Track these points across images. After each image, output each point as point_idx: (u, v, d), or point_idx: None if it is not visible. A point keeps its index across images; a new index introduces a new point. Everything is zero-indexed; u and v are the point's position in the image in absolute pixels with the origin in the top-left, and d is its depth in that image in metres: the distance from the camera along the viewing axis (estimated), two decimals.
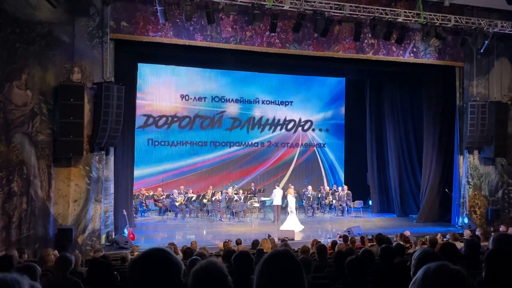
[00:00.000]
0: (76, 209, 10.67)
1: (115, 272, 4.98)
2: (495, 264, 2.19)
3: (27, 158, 10.33)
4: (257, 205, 16.12)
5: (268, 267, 1.96)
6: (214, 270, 1.92)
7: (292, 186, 15.68)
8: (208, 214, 15.72)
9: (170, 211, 15.53)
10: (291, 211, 13.63)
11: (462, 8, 13.63)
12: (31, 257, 9.05)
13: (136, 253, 8.29)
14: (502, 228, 11.10)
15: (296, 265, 1.97)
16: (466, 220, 14.16)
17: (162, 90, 17.26)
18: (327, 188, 18.07)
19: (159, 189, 16.08)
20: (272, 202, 15.60)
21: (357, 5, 12.34)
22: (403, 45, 13.40)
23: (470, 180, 14.38)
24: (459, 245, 6.52)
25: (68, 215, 10.59)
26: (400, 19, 12.51)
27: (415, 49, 13.88)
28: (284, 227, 13.17)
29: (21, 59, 10.34)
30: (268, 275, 1.94)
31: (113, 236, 11.41)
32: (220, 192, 15.66)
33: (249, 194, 16.38)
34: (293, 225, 13.32)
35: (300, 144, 19.32)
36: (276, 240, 10.06)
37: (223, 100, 18.10)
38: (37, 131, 10.42)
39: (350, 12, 12.20)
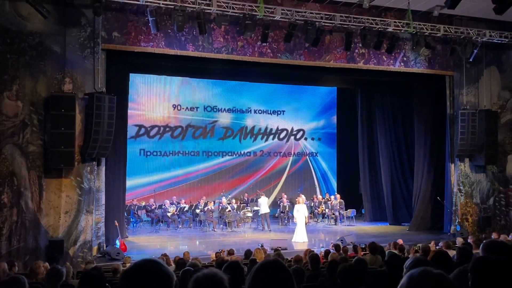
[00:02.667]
0: (67, 220, 10.57)
1: (107, 284, 4.93)
2: (481, 271, 2.20)
3: (17, 169, 10.25)
4: (250, 215, 16.07)
5: (259, 277, 1.95)
6: (215, 280, 1.92)
7: (302, 195, 15.49)
8: (200, 224, 15.64)
9: (162, 222, 15.43)
10: (298, 221, 13.32)
11: (451, 18, 13.82)
12: (22, 270, 8.93)
13: (128, 264, 8.22)
14: (494, 236, 11.15)
15: (287, 275, 1.97)
16: (458, 228, 14.21)
17: (154, 100, 17.25)
18: (320, 197, 18.09)
19: (151, 199, 15.99)
20: (259, 212, 15.59)
21: (347, 15, 12.46)
22: (393, 54, 13.53)
23: (461, 188, 14.46)
24: (452, 252, 6.53)
25: (59, 227, 10.49)
26: (390, 29, 12.65)
27: (405, 59, 14.01)
28: (295, 238, 13.06)
29: (11, 70, 10.29)
30: (259, 285, 1.93)
31: (105, 248, 11.30)
32: (212, 202, 15.61)
33: (242, 204, 16.35)
34: (300, 236, 13.10)
35: (292, 153, 19.35)
36: (269, 249, 10.02)
37: (215, 110, 18.12)
38: (28, 142, 10.35)
39: (341, 22, 12.31)
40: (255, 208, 16.17)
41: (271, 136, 18.99)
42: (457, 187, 14.47)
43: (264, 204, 15.13)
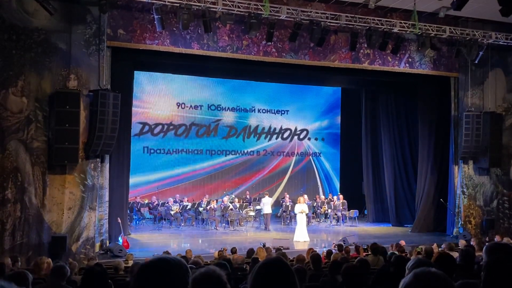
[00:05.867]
0: (70, 217, 10.61)
1: (109, 281, 4.95)
2: (495, 273, 2.19)
3: (21, 165, 10.28)
4: (252, 213, 16.07)
5: (261, 275, 1.95)
6: (213, 277, 1.92)
7: (305, 195, 15.50)
8: (203, 222, 15.66)
9: (165, 220, 15.47)
10: (298, 221, 13.32)
11: (457, 19, 13.77)
12: (25, 265, 8.97)
13: (130, 262, 8.24)
14: (497, 238, 11.11)
15: (289, 273, 1.96)
16: (461, 230, 14.17)
17: (158, 98, 17.27)
18: (323, 197, 18.07)
19: (154, 197, 16.03)
20: (262, 211, 15.58)
21: (353, 15, 12.43)
22: (398, 55, 13.50)
23: (465, 190, 14.41)
24: (454, 255, 6.52)
25: (62, 223, 10.52)
26: (395, 30, 12.62)
27: (410, 60, 13.97)
28: (296, 238, 13.06)
29: (17, 66, 10.32)
30: (261, 283, 1.93)
31: (107, 244, 11.33)
32: (215, 201, 15.62)
33: (245, 202, 16.35)
34: (301, 235, 13.08)
35: (295, 153, 19.34)
36: (271, 249, 10.02)
37: (219, 109, 18.13)
38: (32, 138, 10.38)
39: (346, 22, 12.29)
40: (258, 207, 16.19)
41: (275, 136, 18.99)
42: (461, 189, 14.43)
43: (267, 204, 15.11)
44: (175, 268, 1.87)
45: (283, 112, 19.09)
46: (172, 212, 15.19)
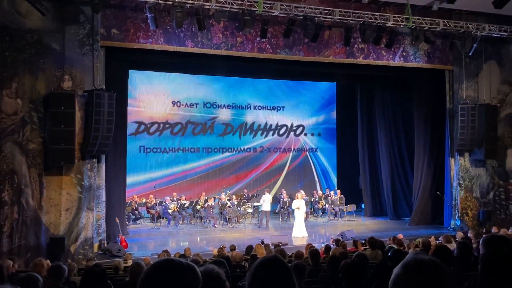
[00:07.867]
0: (68, 217, 10.59)
1: (109, 281, 4.95)
2: (491, 266, 2.19)
3: (18, 167, 10.25)
4: (250, 210, 16.09)
5: (259, 273, 1.95)
6: (212, 276, 1.92)
7: (302, 191, 15.51)
8: (201, 220, 15.66)
9: (163, 218, 15.45)
10: (297, 216, 13.37)
11: (450, 12, 13.79)
12: (23, 267, 8.96)
13: (129, 261, 8.24)
14: (493, 230, 11.18)
15: (287, 271, 1.97)
16: (458, 222, 14.25)
17: (154, 96, 17.22)
18: (320, 192, 18.11)
19: (151, 196, 16.01)
20: (260, 208, 15.59)
21: (346, 10, 12.43)
22: (392, 49, 13.51)
23: (461, 182, 14.48)
24: (452, 247, 6.55)
25: (60, 224, 10.50)
26: (389, 24, 12.63)
27: (404, 53, 13.99)
28: (294, 234, 13.09)
29: (11, 68, 10.28)
30: (259, 282, 1.94)
31: (106, 245, 11.33)
32: (213, 198, 15.62)
33: (242, 200, 16.36)
34: (299, 231, 13.14)
35: (292, 149, 19.35)
36: (270, 245, 10.04)
37: (215, 106, 18.10)
38: (28, 139, 10.35)
39: (340, 17, 12.29)
40: (256, 204, 16.19)
41: (271, 132, 18.98)
42: (457, 182, 14.48)
43: (267, 201, 15.11)
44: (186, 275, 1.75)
45: (279, 108, 19.09)
46: (169, 211, 15.18)
